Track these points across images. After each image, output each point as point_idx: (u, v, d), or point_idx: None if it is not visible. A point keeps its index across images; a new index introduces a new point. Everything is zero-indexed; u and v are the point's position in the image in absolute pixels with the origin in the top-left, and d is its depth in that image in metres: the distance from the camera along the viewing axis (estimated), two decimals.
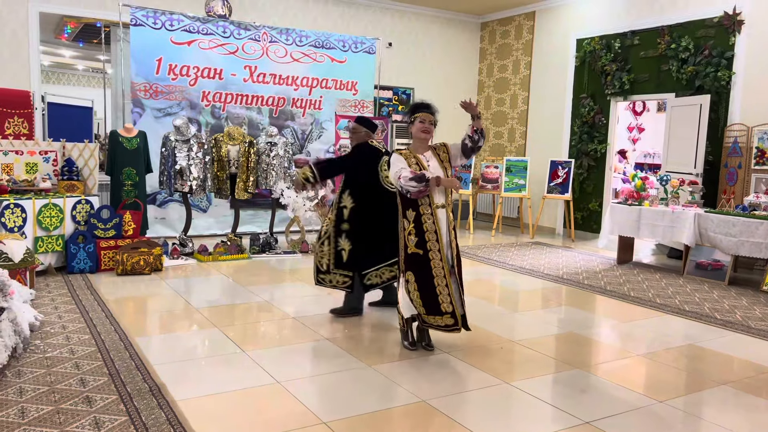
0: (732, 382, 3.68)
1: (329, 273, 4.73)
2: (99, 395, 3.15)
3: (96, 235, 6.06)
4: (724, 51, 7.48)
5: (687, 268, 6.70)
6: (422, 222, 3.80)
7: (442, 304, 3.82)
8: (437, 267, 3.80)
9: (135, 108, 7.80)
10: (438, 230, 3.81)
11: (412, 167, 3.81)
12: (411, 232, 3.83)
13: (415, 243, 3.82)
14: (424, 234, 3.80)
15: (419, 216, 3.81)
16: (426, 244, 3.80)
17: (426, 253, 3.80)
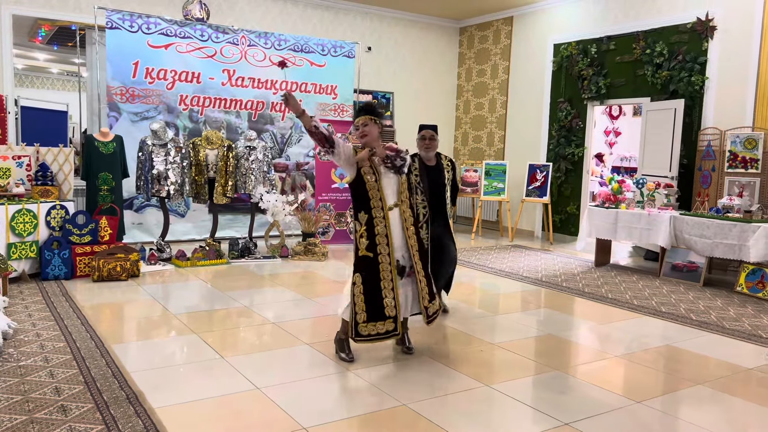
0: (708, 382, 3.73)
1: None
2: (74, 404, 3.09)
3: (71, 241, 5.96)
4: (698, 56, 7.62)
5: (663, 269, 6.80)
6: (374, 225, 3.77)
7: (386, 308, 3.78)
8: (385, 270, 3.76)
9: (111, 112, 7.70)
10: (389, 233, 3.78)
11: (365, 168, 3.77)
12: (363, 234, 3.78)
13: (366, 246, 3.78)
14: (375, 237, 3.77)
15: (371, 219, 3.77)
16: (376, 248, 3.77)
17: (376, 256, 3.77)
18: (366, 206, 3.79)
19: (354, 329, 3.79)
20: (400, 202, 3.88)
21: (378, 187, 3.79)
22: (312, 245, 7.39)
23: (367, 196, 3.78)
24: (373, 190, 3.78)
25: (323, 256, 7.36)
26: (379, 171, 3.82)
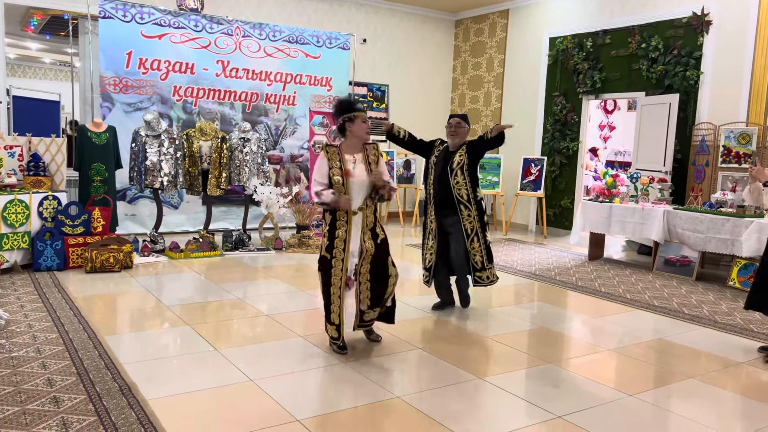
0: (699, 375, 3.76)
1: (485, 269, 4.84)
2: (67, 395, 3.08)
3: (64, 231, 5.93)
4: (693, 51, 7.63)
5: (656, 264, 6.83)
6: (336, 227, 3.76)
7: (332, 314, 3.78)
8: (336, 276, 3.74)
9: (104, 102, 7.65)
10: (348, 239, 3.76)
11: (334, 170, 3.73)
12: (325, 234, 3.80)
13: (326, 247, 3.78)
14: (335, 240, 3.76)
15: (334, 221, 3.77)
16: (332, 251, 3.76)
17: (331, 259, 3.76)
18: (332, 209, 3.76)
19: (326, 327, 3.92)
20: (365, 207, 3.81)
21: (345, 190, 3.72)
22: (306, 238, 7.38)
23: None
24: (338, 192, 3.70)
25: (317, 248, 7.35)
26: (348, 172, 3.74)
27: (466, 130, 4.82)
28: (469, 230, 4.75)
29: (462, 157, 4.71)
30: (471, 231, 4.76)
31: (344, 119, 3.82)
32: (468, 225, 4.75)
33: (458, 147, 4.78)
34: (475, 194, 4.75)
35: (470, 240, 4.76)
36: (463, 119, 4.83)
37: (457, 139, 4.78)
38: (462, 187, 4.70)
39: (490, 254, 4.86)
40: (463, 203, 4.72)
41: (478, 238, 4.77)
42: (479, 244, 4.78)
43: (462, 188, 4.70)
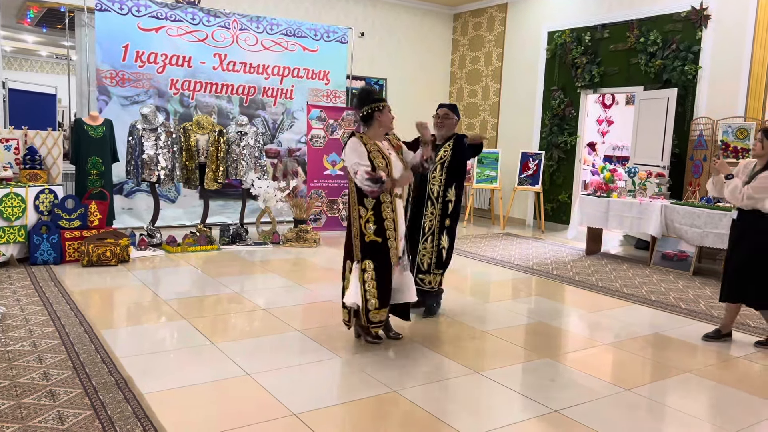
0: (695, 370, 3.76)
1: (429, 273, 4.47)
2: (63, 389, 3.08)
3: (60, 225, 5.91)
4: (691, 45, 7.61)
5: (653, 258, 6.83)
6: (381, 210, 3.74)
7: (386, 299, 3.82)
8: (393, 257, 3.79)
9: (101, 96, 7.62)
10: (395, 219, 3.79)
11: (373, 153, 3.72)
12: (369, 219, 3.75)
13: (374, 231, 3.75)
14: (384, 222, 3.75)
15: (379, 204, 3.74)
16: (385, 232, 3.76)
17: (385, 241, 3.76)
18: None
19: (366, 316, 3.80)
20: (402, 192, 3.91)
21: (389, 172, 3.72)
22: (304, 232, 7.37)
23: None
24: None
25: (315, 242, 7.34)
26: (389, 158, 3.79)
27: (454, 121, 4.52)
28: (426, 228, 4.44)
29: (446, 153, 4.43)
30: (428, 230, 4.44)
31: (374, 108, 3.80)
32: (427, 222, 4.44)
33: (445, 140, 4.49)
34: (445, 193, 4.42)
35: (423, 239, 4.44)
36: (452, 110, 4.54)
37: (444, 131, 4.50)
38: (436, 182, 4.42)
39: (441, 259, 4.46)
40: (431, 199, 4.44)
41: (433, 239, 4.43)
42: (432, 245, 4.44)
43: (435, 184, 4.42)
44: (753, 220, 4.09)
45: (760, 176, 4.01)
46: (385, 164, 3.74)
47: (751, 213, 4.09)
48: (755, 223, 4.09)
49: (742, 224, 4.17)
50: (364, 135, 3.83)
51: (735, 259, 4.21)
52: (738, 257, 4.19)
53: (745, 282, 4.16)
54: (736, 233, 4.23)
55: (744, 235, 4.15)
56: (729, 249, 4.32)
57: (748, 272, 4.14)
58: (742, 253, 4.16)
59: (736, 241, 4.21)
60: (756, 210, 4.06)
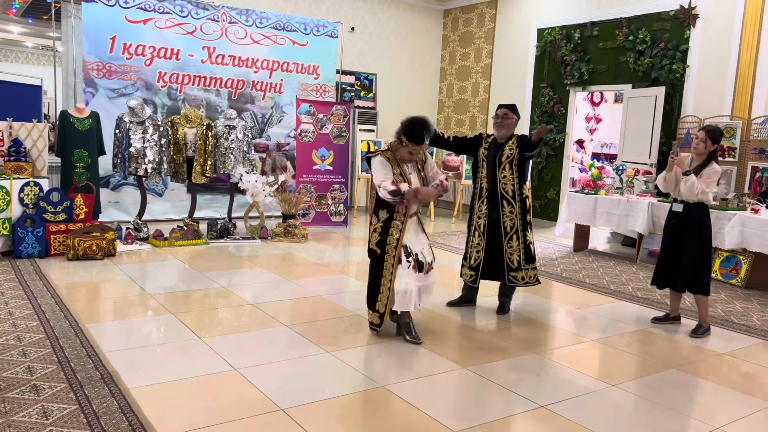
0: (680, 366, 3.80)
1: (521, 270, 4.64)
2: (47, 383, 3.05)
3: (45, 218, 5.85)
4: (679, 44, 7.66)
5: (640, 255, 6.88)
6: (390, 225, 3.89)
7: (378, 302, 3.94)
8: (387, 269, 3.89)
9: (87, 88, 7.54)
10: (401, 237, 3.87)
11: (395, 175, 3.86)
12: (377, 229, 3.93)
13: (377, 242, 3.92)
14: (387, 237, 3.89)
15: (390, 219, 3.90)
16: (385, 246, 3.89)
17: (383, 254, 3.90)
18: (390, 207, 3.89)
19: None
20: (419, 210, 4.03)
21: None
22: (292, 227, 7.35)
23: None
24: None
25: (303, 238, 7.32)
26: (410, 180, 3.90)
27: (514, 121, 4.63)
28: (508, 228, 4.58)
29: (512, 151, 4.55)
30: (510, 229, 4.58)
31: (400, 139, 3.85)
32: (508, 222, 4.58)
33: (507, 139, 4.61)
34: (521, 191, 4.58)
35: (508, 238, 4.58)
36: (511, 110, 4.65)
37: (503, 131, 4.61)
38: (508, 182, 4.56)
39: (530, 254, 4.64)
40: (507, 199, 4.57)
41: (517, 236, 4.58)
42: (518, 242, 4.58)
43: (508, 183, 4.56)
44: (698, 212, 4.36)
45: (706, 172, 4.31)
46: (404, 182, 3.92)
47: (695, 206, 4.36)
48: (701, 216, 4.37)
49: (687, 217, 4.39)
50: (389, 154, 3.93)
51: (687, 251, 4.40)
52: (691, 249, 4.39)
53: (697, 271, 4.39)
54: (681, 225, 4.43)
55: (693, 228, 4.38)
56: (673, 240, 4.49)
57: (701, 263, 4.39)
58: (695, 245, 4.38)
59: (683, 233, 4.42)
60: (700, 203, 4.35)
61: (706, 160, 4.35)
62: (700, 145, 4.34)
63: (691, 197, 4.31)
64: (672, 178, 4.41)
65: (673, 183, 4.41)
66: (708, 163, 4.33)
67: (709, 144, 4.32)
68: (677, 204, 4.44)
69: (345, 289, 5.27)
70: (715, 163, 4.34)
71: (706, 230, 4.39)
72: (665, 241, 4.56)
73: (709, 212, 4.44)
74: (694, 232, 4.37)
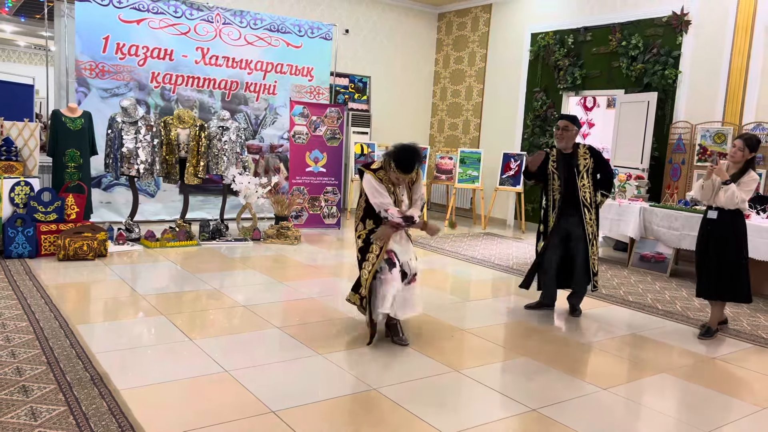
0: (671, 370, 3.81)
1: (596, 275, 4.90)
2: (36, 384, 3.02)
3: (36, 218, 5.80)
4: (672, 50, 7.71)
5: (632, 260, 6.91)
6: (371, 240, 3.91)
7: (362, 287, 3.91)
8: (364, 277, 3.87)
9: (80, 87, 7.50)
10: (384, 247, 3.85)
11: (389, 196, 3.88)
12: (361, 236, 3.97)
13: (359, 248, 3.98)
14: (370, 245, 3.90)
15: (375, 229, 3.90)
16: (366, 254, 3.90)
17: (362, 261, 3.93)
18: (376, 218, 3.92)
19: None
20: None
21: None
22: (285, 229, 7.33)
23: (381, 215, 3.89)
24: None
25: (296, 239, 7.31)
26: (401, 201, 3.93)
27: (574, 132, 4.74)
28: (590, 234, 4.76)
29: (587, 161, 4.76)
30: (592, 235, 4.77)
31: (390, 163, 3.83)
32: (590, 228, 4.75)
33: (576, 149, 4.78)
34: (595, 199, 4.79)
35: (591, 244, 4.77)
36: (572, 121, 4.76)
37: (563, 143, 4.75)
38: (587, 190, 4.74)
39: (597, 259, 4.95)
40: (587, 206, 4.75)
41: (596, 242, 4.83)
42: (596, 248, 4.85)
43: (587, 191, 4.74)
44: (735, 219, 4.37)
45: (744, 180, 4.32)
46: (393, 201, 3.90)
47: (731, 213, 4.37)
48: (738, 223, 4.38)
49: (722, 223, 4.39)
50: (381, 173, 3.90)
51: (724, 259, 4.40)
52: (727, 256, 4.39)
53: (735, 279, 4.40)
54: (716, 232, 4.43)
55: (729, 235, 4.39)
56: (710, 247, 4.46)
57: (739, 269, 4.40)
58: (730, 252, 4.39)
59: (718, 240, 4.42)
60: (737, 210, 4.36)
61: (743, 168, 4.37)
62: (737, 154, 4.35)
63: (731, 206, 4.33)
64: (709, 187, 4.41)
65: (710, 191, 4.42)
66: (745, 171, 4.35)
67: (746, 152, 4.34)
68: (712, 211, 4.45)
69: (337, 291, 5.26)
70: (752, 171, 4.36)
71: (742, 237, 4.41)
72: (702, 251, 4.55)
73: (745, 219, 4.47)
74: (731, 239, 4.38)
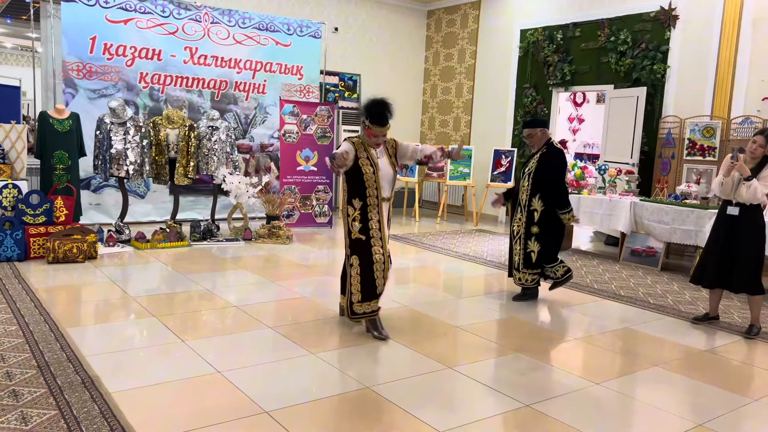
0: (663, 364, 3.83)
1: (519, 271, 5.10)
2: (26, 389, 2.99)
3: (24, 221, 5.76)
4: (660, 45, 7.74)
5: (623, 254, 6.94)
6: (368, 212, 3.94)
7: (378, 288, 3.98)
8: (377, 253, 3.94)
9: (67, 88, 7.44)
10: (381, 220, 3.97)
11: (362, 159, 3.90)
12: (356, 218, 3.95)
13: (359, 229, 3.94)
14: (369, 222, 3.94)
15: (365, 206, 3.94)
16: (369, 231, 3.94)
17: (368, 239, 3.94)
18: (361, 194, 3.93)
19: (350, 309, 3.99)
20: (391, 196, 4.07)
21: (375, 179, 3.94)
22: (276, 228, 7.31)
23: (363, 185, 3.92)
24: (370, 181, 3.92)
25: (288, 239, 7.28)
26: (377, 164, 3.94)
27: (536, 137, 4.97)
28: (515, 232, 5.09)
29: (533, 164, 4.96)
30: (516, 234, 5.07)
31: (363, 122, 3.92)
32: (515, 227, 5.08)
33: (536, 152, 5.00)
34: (530, 202, 4.95)
35: (515, 240, 5.09)
36: (529, 125, 5.03)
37: (529, 148, 5.11)
38: (524, 192, 5.00)
39: (529, 261, 5.02)
40: (520, 206, 5.05)
41: (519, 242, 5.04)
42: (519, 248, 5.04)
43: (524, 193, 5.01)
44: (756, 214, 4.40)
45: (764, 175, 4.33)
46: (373, 171, 3.92)
47: (752, 208, 4.39)
48: (758, 217, 4.41)
49: (744, 218, 4.40)
50: (356, 139, 3.99)
51: (744, 252, 4.41)
52: (748, 250, 4.41)
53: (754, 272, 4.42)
54: (738, 227, 4.43)
55: (751, 229, 4.41)
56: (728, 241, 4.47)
57: (758, 263, 4.44)
58: (752, 246, 4.41)
59: (740, 234, 4.42)
60: (756, 205, 4.39)
61: (761, 162, 4.37)
62: (758, 150, 4.36)
63: (754, 201, 4.34)
64: (729, 183, 4.40)
65: (730, 187, 4.41)
66: (764, 166, 4.36)
67: (767, 148, 4.36)
68: (732, 207, 4.45)
69: (330, 290, 5.25)
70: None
71: (762, 230, 4.45)
72: (716, 242, 4.55)
73: (763, 213, 4.49)
74: (752, 233, 4.40)
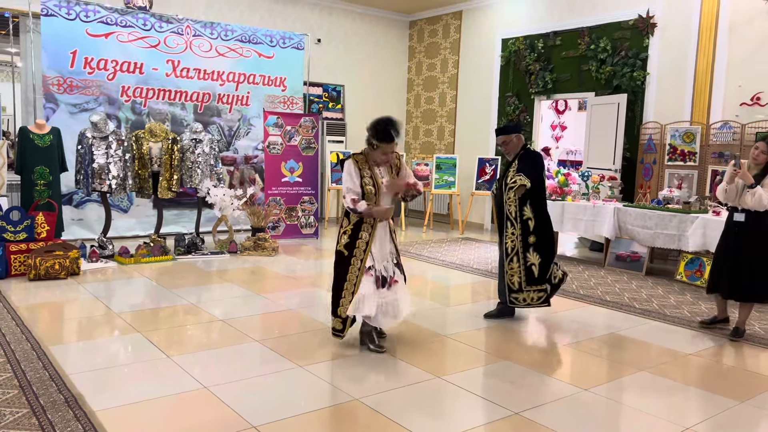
0: (650, 368, 3.85)
1: (522, 291, 4.64)
2: (8, 409, 2.94)
3: (4, 238, 5.67)
4: (639, 52, 7.84)
5: (608, 260, 6.99)
6: (360, 230, 3.87)
7: (340, 308, 3.90)
8: (353, 273, 3.86)
9: (48, 103, 7.37)
10: (370, 242, 3.87)
11: (365, 179, 3.83)
12: (347, 231, 3.90)
13: (345, 244, 3.89)
14: (357, 240, 3.87)
15: (360, 222, 3.87)
16: (353, 249, 3.87)
17: (350, 257, 3.87)
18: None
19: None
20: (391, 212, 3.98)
21: (376, 201, 3.85)
22: (262, 240, 7.27)
23: None
24: (371, 201, 3.83)
25: (273, 251, 7.24)
26: (380, 185, 3.87)
27: (512, 143, 4.67)
28: (509, 249, 4.62)
29: (513, 173, 4.60)
30: (511, 250, 4.62)
31: (371, 142, 3.85)
32: (509, 243, 4.62)
33: (513, 160, 4.67)
34: (521, 212, 4.58)
35: (509, 259, 4.62)
36: (503, 132, 4.72)
37: (509, 155, 4.72)
38: (512, 204, 4.61)
39: (531, 276, 4.62)
40: (510, 220, 4.63)
41: (517, 258, 4.60)
42: (518, 264, 4.61)
43: (511, 205, 4.61)
44: (763, 220, 4.37)
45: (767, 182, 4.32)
46: (374, 192, 3.85)
47: (759, 215, 4.37)
48: (765, 224, 4.38)
49: (751, 226, 4.39)
50: (360, 157, 3.91)
51: (752, 260, 4.40)
52: (756, 257, 4.39)
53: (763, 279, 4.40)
54: (744, 234, 4.43)
55: (758, 236, 4.39)
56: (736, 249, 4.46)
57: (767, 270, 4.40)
58: (759, 253, 4.38)
59: (747, 241, 4.41)
60: (763, 211, 4.35)
61: (765, 168, 4.38)
62: (761, 157, 4.37)
63: (760, 208, 4.34)
64: (733, 190, 4.42)
65: (734, 194, 4.43)
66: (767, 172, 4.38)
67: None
68: (738, 214, 4.46)
69: (316, 302, 5.22)
70: None
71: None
72: (725, 249, 4.55)
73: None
74: (759, 240, 4.39)
